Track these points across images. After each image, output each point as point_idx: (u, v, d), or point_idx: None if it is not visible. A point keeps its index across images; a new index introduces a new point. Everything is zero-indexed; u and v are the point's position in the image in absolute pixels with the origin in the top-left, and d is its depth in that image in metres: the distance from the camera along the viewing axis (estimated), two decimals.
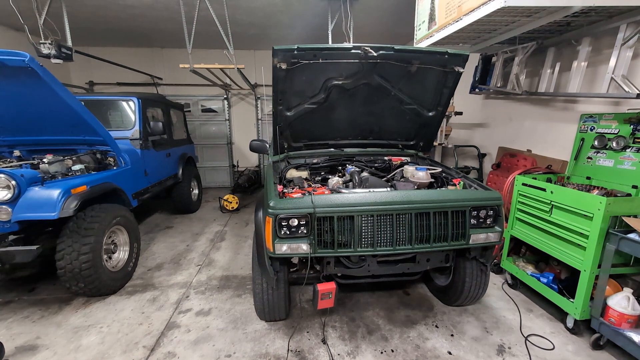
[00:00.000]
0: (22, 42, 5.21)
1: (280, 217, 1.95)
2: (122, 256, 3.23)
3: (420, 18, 3.39)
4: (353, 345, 2.36)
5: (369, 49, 2.26)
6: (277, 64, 2.28)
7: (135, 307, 2.83)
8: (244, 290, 3.13)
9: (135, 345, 2.36)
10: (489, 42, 3.41)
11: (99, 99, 4.30)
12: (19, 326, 2.57)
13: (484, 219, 2.18)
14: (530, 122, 4.03)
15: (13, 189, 2.49)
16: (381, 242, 2.05)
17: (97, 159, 3.64)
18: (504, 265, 3.17)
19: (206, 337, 2.45)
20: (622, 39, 2.64)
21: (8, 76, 2.51)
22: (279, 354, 2.27)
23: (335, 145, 3.21)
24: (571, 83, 3.16)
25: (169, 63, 7.21)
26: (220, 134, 7.89)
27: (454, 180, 2.56)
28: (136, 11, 4.84)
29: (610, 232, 2.18)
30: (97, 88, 7.26)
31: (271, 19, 5.19)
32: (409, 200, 2.04)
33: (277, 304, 2.40)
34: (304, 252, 2.01)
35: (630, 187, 2.61)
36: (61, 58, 3.78)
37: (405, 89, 2.71)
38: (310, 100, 2.68)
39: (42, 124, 3.19)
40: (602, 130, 2.87)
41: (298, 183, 2.60)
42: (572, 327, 2.46)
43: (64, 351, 2.30)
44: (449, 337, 2.45)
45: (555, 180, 3.09)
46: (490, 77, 4.08)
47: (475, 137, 5.23)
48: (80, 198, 2.70)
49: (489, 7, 2.32)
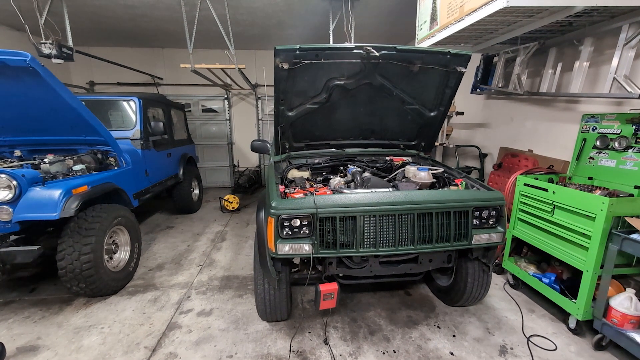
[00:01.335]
0: (23, 42, 5.22)
1: (283, 218, 1.95)
2: (123, 256, 3.23)
3: (422, 18, 3.39)
4: (355, 345, 2.35)
5: (371, 49, 2.25)
6: (279, 64, 2.28)
7: (137, 308, 2.83)
8: (245, 290, 3.12)
9: (137, 346, 2.35)
10: (491, 42, 3.40)
11: (99, 99, 4.30)
12: (20, 327, 2.57)
13: (487, 219, 2.17)
14: (531, 122, 4.02)
15: (14, 189, 2.49)
16: (383, 243, 2.05)
17: (98, 159, 3.65)
18: (505, 265, 3.17)
19: (208, 338, 2.44)
20: (625, 39, 2.64)
21: (9, 76, 2.50)
22: (281, 354, 2.26)
23: (337, 145, 3.20)
24: (573, 83, 3.15)
25: (170, 63, 7.21)
26: (221, 134, 7.89)
27: (456, 180, 2.56)
28: (137, 11, 4.84)
29: (613, 233, 2.18)
30: (98, 88, 7.26)
31: (272, 18, 5.19)
32: (411, 200, 2.04)
33: (278, 305, 2.40)
34: (306, 252, 2.00)
35: (633, 187, 2.60)
36: (62, 58, 3.78)
37: (407, 89, 2.70)
38: (312, 100, 2.68)
39: (43, 124, 3.19)
40: (604, 131, 2.86)
41: (300, 183, 2.59)
42: (574, 328, 2.45)
43: (65, 352, 2.30)
44: (451, 337, 2.44)
45: (557, 180, 3.08)
46: (492, 77, 4.08)
47: (476, 137, 5.22)
48: (81, 198, 2.70)
49: (491, 8, 2.31)
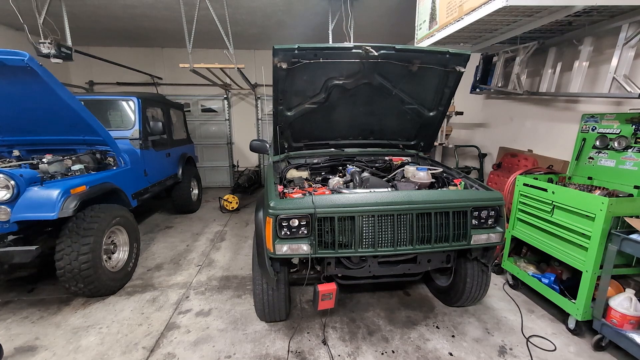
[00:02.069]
0: (21, 42, 5.20)
1: (281, 218, 1.94)
2: (122, 256, 3.23)
3: (421, 17, 3.38)
4: (354, 346, 2.35)
5: (369, 49, 2.25)
6: (277, 64, 2.27)
7: (135, 308, 2.82)
8: (244, 290, 3.12)
9: (135, 346, 2.35)
10: (490, 42, 3.40)
11: (98, 99, 4.29)
12: (18, 327, 2.56)
13: (486, 219, 2.17)
14: (531, 122, 4.02)
15: (12, 189, 2.49)
16: (382, 243, 2.04)
17: (97, 159, 3.64)
18: (505, 265, 3.16)
19: (206, 338, 2.44)
20: (624, 39, 2.63)
21: (7, 76, 2.50)
22: (279, 355, 2.26)
23: (336, 145, 3.20)
24: (572, 83, 3.15)
25: (169, 63, 7.21)
26: (220, 133, 7.88)
27: (455, 180, 2.55)
28: (136, 11, 4.83)
29: (612, 233, 2.17)
30: (97, 88, 7.26)
31: (271, 18, 5.19)
32: (410, 200, 2.03)
33: (277, 305, 2.40)
34: (305, 252, 2.00)
35: (632, 187, 2.59)
36: (61, 58, 3.77)
37: (406, 89, 2.70)
38: (311, 100, 2.67)
39: (41, 124, 3.18)
40: (603, 130, 2.86)
41: (298, 183, 2.59)
42: (573, 328, 2.45)
43: (63, 352, 2.29)
44: (450, 338, 2.44)
45: (556, 180, 3.08)
46: (491, 76, 4.06)
47: (476, 137, 5.21)
48: (79, 198, 2.70)
49: (490, 7, 2.31)
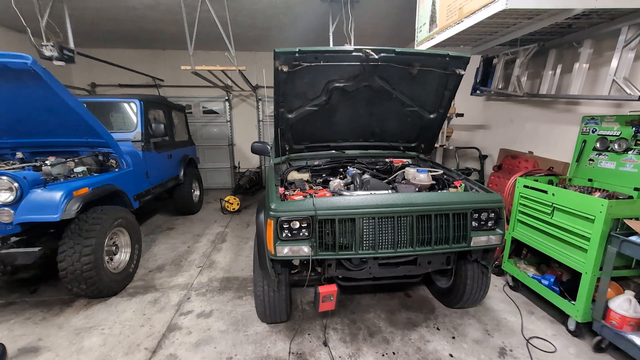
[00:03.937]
0: (24, 44, 5.22)
1: (282, 220, 1.95)
2: (124, 258, 3.24)
3: (421, 20, 3.39)
4: (354, 347, 2.36)
5: (370, 52, 2.26)
6: (278, 67, 2.29)
7: (137, 309, 2.84)
8: (245, 292, 3.13)
9: (137, 347, 2.36)
10: (490, 44, 3.41)
11: (100, 101, 4.31)
12: (20, 328, 2.58)
13: (486, 221, 2.18)
14: (531, 124, 4.03)
15: (15, 191, 2.51)
16: (382, 245, 2.05)
17: (99, 160, 3.66)
18: (505, 267, 3.17)
19: (207, 339, 2.45)
20: (624, 41, 2.64)
21: (11, 79, 2.52)
22: (280, 356, 2.27)
23: (337, 147, 3.21)
24: (573, 85, 3.16)
25: (171, 65, 7.23)
26: (222, 135, 7.90)
27: (455, 182, 2.56)
28: (138, 13, 4.86)
29: (612, 235, 2.18)
30: (99, 90, 7.28)
31: (272, 20, 5.21)
32: (410, 202, 2.04)
33: (278, 306, 2.41)
34: (306, 254, 2.01)
35: (632, 189, 2.60)
36: (63, 60, 3.79)
37: (406, 91, 2.71)
38: (312, 102, 2.69)
39: (44, 126, 3.20)
40: (603, 132, 2.87)
41: (299, 185, 2.60)
42: (573, 330, 2.45)
43: (66, 353, 2.31)
44: (450, 339, 2.44)
45: (556, 182, 3.08)
46: (492, 78, 4.08)
47: (476, 138, 5.22)
48: (82, 200, 2.72)
49: (491, 10, 2.32)
